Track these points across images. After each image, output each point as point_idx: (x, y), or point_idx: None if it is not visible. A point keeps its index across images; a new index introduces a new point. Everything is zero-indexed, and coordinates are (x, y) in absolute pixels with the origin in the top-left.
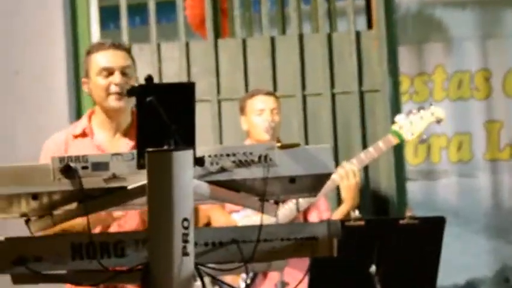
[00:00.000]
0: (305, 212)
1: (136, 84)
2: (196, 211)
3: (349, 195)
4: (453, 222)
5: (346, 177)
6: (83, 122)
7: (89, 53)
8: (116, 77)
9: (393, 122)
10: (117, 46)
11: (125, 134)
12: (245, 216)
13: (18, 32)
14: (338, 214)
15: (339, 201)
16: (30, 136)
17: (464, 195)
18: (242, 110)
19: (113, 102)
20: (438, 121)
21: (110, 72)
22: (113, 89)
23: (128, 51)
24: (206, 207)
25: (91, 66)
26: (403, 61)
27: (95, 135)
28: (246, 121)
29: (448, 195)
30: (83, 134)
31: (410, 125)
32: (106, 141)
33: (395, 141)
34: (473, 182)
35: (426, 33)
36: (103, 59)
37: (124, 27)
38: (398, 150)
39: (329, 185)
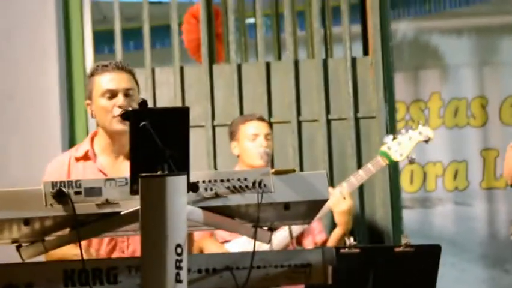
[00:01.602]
0: (300, 237)
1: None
2: (189, 238)
3: (342, 220)
4: (449, 251)
5: (337, 202)
6: (85, 145)
7: (92, 74)
8: (120, 99)
9: (382, 144)
10: (120, 68)
11: (128, 157)
12: (238, 246)
13: (11, 56)
14: (332, 239)
15: (333, 224)
16: (23, 161)
17: (460, 224)
18: (233, 135)
19: (116, 125)
20: (427, 140)
21: (113, 94)
22: (116, 111)
23: (131, 72)
24: (197, 239)
25: (94, 88)
26: (399, 88)
27: (97, 158)
28: (238, 146)
29: (443, 223)
30: (85, 157)
31: (398, 145)
32: (109, 164)
33: (384, 162)
34: (469, 210)
35: (423, 60)
36: (107, 80)
37: (118, 51)
38: (394, 177)
39: (322, 210)
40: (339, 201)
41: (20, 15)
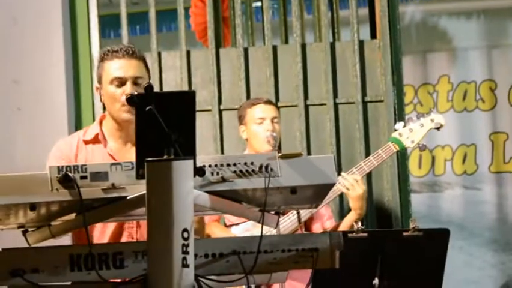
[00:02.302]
0: (308, 223)
1: None
2: (201, 222)
3: (358, 205)
4: (457, 235)
5: (352, 187)
6: (94, 128)
7: (102, 59)
8: (128, 87)
9: (394, 131)
10: (131, 54)
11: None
12: (245, 230)
13: (17, 41)
14: (346, 224)
15: (341, 211)
16: (28, 145)
17: (469, 208)
18: (241, 119)
19: (124, 114)
20: (439, 127)
21: (122, 82)
22: (124, 100)
23: (142, 59)
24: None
25: (103, 74)
26: (407, 71)
27: (108, 143)
28: (246, 130)
29: (452, 207)
30: (95, 140)
31: (409, 132)
32: (117, 149)
33: (395, 148)
34: (477, 194)
35: (431, 43)
36: (116, 68)
37: (124, 35)
38: (402, 162)
39: (330, 195)
40: (354, 186)
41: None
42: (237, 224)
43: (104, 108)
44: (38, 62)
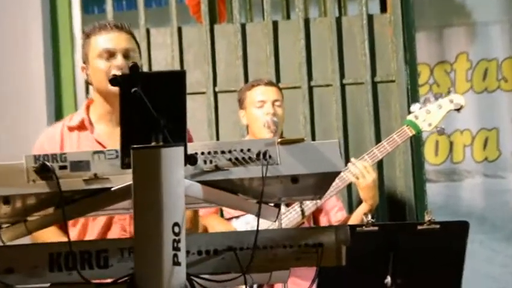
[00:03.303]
0: (316, 215)
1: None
2: (195, 215)
3: (369, 195)
4: (478, 228)
5: (362, 175)
6: (80, 113)
7: (88, 35)
8: (118, 60)
9: (409, 113)
10: (120, 27)
11: None
12: (246, 223)
13: None
14: (357, 216)
15: (350, 202)
16: (5, 136)
17: (491, 198)
18: (241, 103)
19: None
20: (459, 109)
21: (111, 54)
22: (114, 72)
23: (132, 34)
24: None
25: (90, 50)
26: (421, 48)
27: (95, 128)
28: (245, 115)
29: (472, 197)
30: (81, 127)
31: (427, 114)
32: (107, 134)
33: (411, 132)
34: (500, 183)
35: (448, 17)
36: (104, 40)
37: (109, 11)
38: (417, 147)
39: (338, 185)
40: (364, 174)
41: None
42: (237, 217)
43: (87, 91)
44: (15, 41)
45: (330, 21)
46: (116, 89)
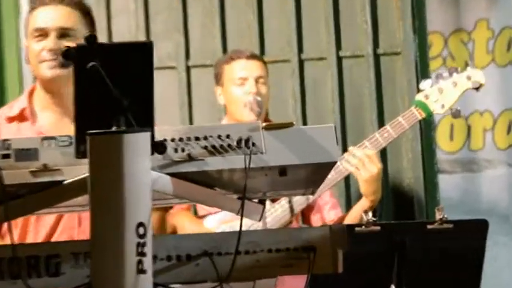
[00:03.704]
0: (307, 213)
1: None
2: (163, 214)
3: (371, 189)
4: (500, 228)
5: (363, 166)
6: (21, 101)
7: (30, 9)
8: (50, 41)
9: (418, 91)
10: (60, 0)
11: None
12: (222, 222)
13: None
14: (356, 214)
15: (347, 199)
16: None
17: None
18: (218, 79)
19: (45, 70)
20: (478, 87)
21: (43, 34)
22: (45, 55)
23: (79, 7)
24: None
25: (28, 27)
26: (433, 14)
27: (38, 119)
28: (223, 94)
29: (493, 192)
30: (21, 117)
31: (439, 93)
32: (52, 125)
33: (420, 115)
34: None
35: None
36: (39, 17)
37: None
38: (428, 133)
39: (333, 177)
40: (364, 164)
41: None
42: (212, 214)
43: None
44: None
45: None
46: (45, 72)
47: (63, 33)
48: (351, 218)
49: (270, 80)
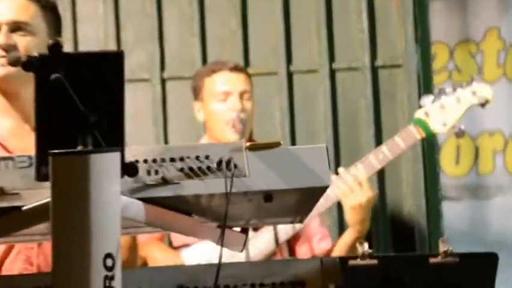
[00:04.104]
0: (293, 244)
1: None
2: (132, 243)
3: (356, 218)
4: (511, 262)
5: (350, 193)
6: None
7: None
8: (1, 36)
9: (419, 108)
10: None
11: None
12: (201, 254)
13: None
14: (342, 246)
15: (340, 225)
16: None
17: None
18: (197, 94)
19: None
20: (484, 104)
21: None
22: None
23: (42, 2)
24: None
25: None
26: (438, 23)
27: None
28: (203, 109)
29: (504, 221)
30: None
31: (441, 110)
32: (9, 133)
33: (419, 134)
34: None
35: None
36: None
37: None
38: (430, 154)
39: (322, 204)
40: (353, 190)
41: None
42: (187, 245)
43: None
44: None
45: None
46: (5, 73)
47: (16, 27)
48: (339, 250)
49: (256, 95)
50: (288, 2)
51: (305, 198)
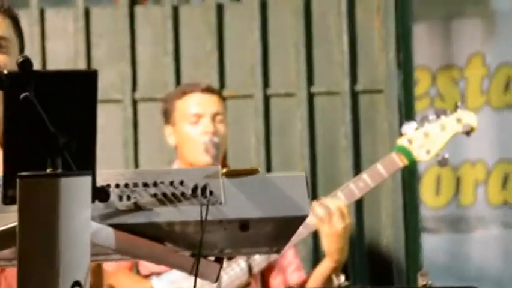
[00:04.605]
0: (267, 275)
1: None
2: (97, 271)
3: (334, 247)
4: None
5: (328, 220)
6: None
7: None
8: None
9: (400, 135)
10: None
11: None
12: (171, 283)
13: None
14: (318, 276)
15: (315, 254)
16: None
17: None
18: (168, 117)
19: None
20: (468, 132)
21: None
22: None
23: (10, 13)
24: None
25: None
26: (421, 47)
27: None
28: (174, 133)
29: (485, 255)
30: None
31: (424, 138)
32: None
33: (401, 162)
34: None
35: (458, 5)
36: None
37: None
38: (411, 184)
39: (301, 232)
40: (331, 218)
41: None
42: (158, 274)
43: None
44: None
45: (295, 4)
46: None
47: None
48: (314, 281)
49: (230, 118)
50: (266, 22)
51: (283, 228)
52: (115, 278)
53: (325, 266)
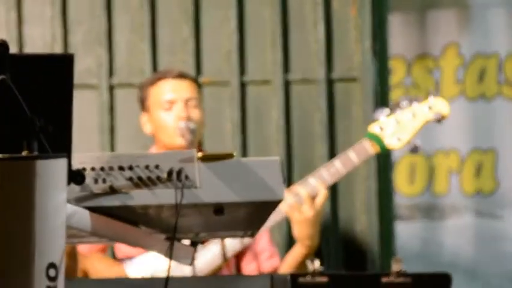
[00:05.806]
0: (240, 259)
1: None
2: (71, 254)
3: (304, 233)
4: (466, 284)
5: (298, 207)
6: None
7: None
8: None
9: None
10: None
11: None
12: (143, 265)
13: None
14: (290, 262)
15: (289, 240)
16: None
17: (484, 245)
18: (143, 104)
19: None
20: (440, 119)
21: None
22: None
23: None
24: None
25: None
26: (396, 36)
27: None
28: (150, 121)
29: (458, 243)
30: None
31: (396, 125)
32: None
33: (373, 149)
34: (497, 225)
35: None
36: None
37: None
38: (384, 172)
39: (272, 218)
40: (301, 205)
41: None
42: (131, 258)
43: None
44: None
45: None
46: None
47: None
48: (287, 266)
49: (207, 105)
50: (243, 10)
51: (257, 212)
52: (88, 261)
53: (296, 252)
